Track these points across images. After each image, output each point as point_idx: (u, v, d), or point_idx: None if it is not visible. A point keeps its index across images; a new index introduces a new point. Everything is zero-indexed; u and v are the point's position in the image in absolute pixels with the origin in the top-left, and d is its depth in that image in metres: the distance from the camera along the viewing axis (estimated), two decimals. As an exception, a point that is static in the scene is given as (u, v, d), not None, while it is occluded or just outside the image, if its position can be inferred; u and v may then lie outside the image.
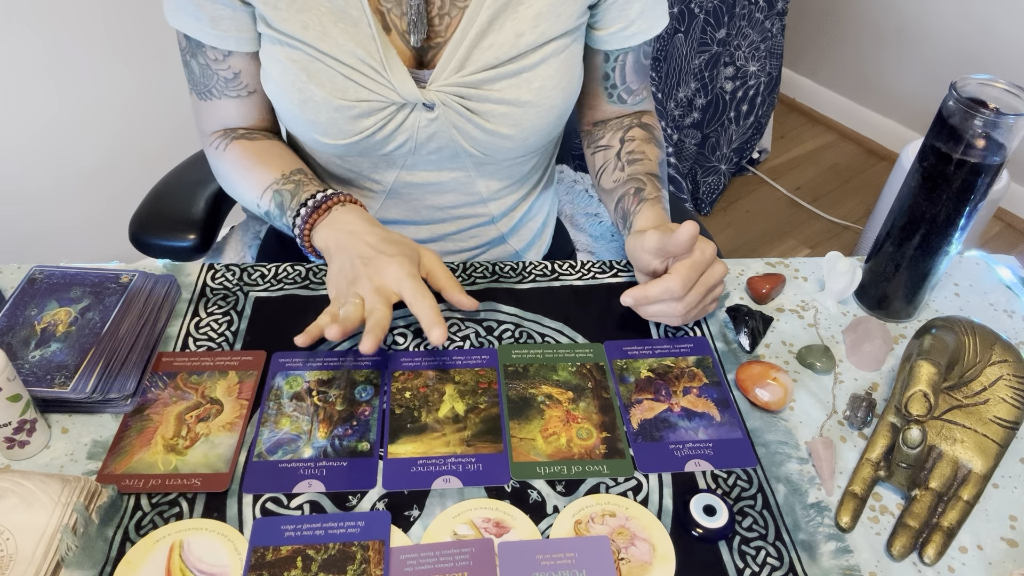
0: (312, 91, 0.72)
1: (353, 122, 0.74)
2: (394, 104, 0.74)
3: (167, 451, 0.62)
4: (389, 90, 0.73)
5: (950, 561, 0.59)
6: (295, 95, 0.73)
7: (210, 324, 0.74)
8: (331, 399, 0.67)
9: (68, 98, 1.57)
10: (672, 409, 0.69)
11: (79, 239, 1.73)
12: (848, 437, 0.68)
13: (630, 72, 0.85)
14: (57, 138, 1.60)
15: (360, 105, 0.73)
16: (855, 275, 0.78)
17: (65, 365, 0.65)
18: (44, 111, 1.56)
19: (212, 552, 0.56)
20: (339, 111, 0.73)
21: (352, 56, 0.71)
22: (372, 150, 0.78)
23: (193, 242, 0.94)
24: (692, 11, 1.88)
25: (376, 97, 0.73)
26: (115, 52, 1.57)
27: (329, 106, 0.73)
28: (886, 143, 2.55)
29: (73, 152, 1.63)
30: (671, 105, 2.02)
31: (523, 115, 0.76)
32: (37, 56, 1.49)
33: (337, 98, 0.72)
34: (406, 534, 0.58)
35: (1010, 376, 0.65)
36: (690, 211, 1.24)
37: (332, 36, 0.70)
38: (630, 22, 0.79)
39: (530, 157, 0.87)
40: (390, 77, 0.72)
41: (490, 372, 0.71)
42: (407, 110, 0.74)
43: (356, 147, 0.77)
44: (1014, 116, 0.65)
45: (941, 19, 2.24)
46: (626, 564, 0.57)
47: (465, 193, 0.85)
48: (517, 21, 0.72)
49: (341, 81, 0.72)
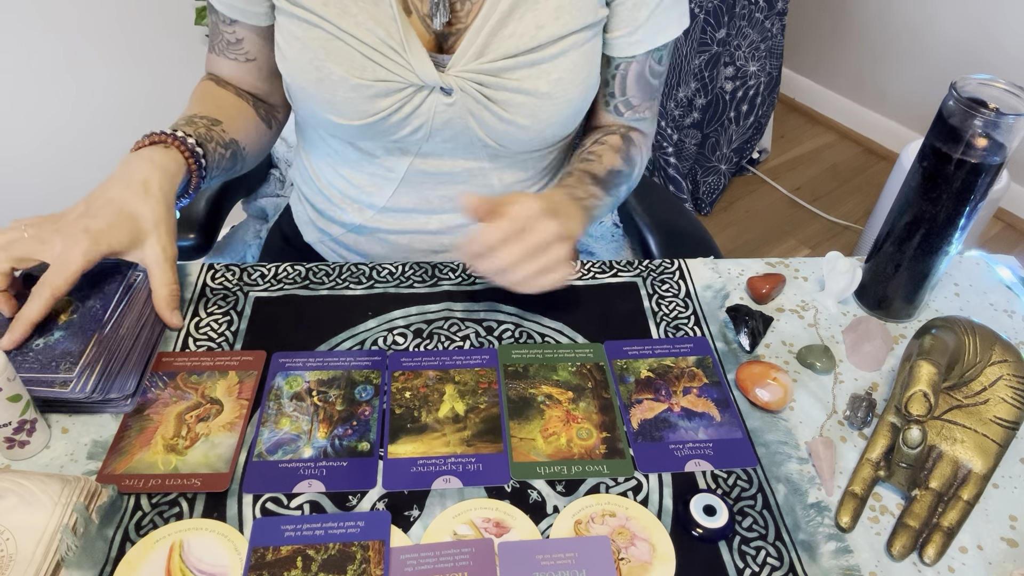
0: (330, 69, 0.72)
1: (370, 102, 0.74)
2: (412, 86, 0.73)
3: (167, 451, 0.62)
4: (408, 71, 0.72)
5: (950, 561, 0.59)
6: (312, 73, 0.73)
7: (210, 324, 0.74)
8: (331, 399, 0.67)
9: (69, 99, 1.57)
10: (672, 409, 0.69)
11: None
12: (848, 437, 0.68)
13: (632, 84, 0.83)
14: (58, 139, 1.60)
15: (378, 85, 0.73)
16: (855, 275, 0.78)
17: (70, 352, 0.64)
18: (45, 112, 1.56)
19: (212, 552, 0.56)
20: (356, 90, 0.73)
21: (371, 35, 0.71)
22: (386, 134, 0.77)
23: (194, 242, 0.94)
24: (692, 11, 1.88)
25: (395, 78, 0.73)
26: (117, 54, 1.57)
27: (347, 85, 0.72)
28: (886, 143, 2.55)
29: (75, 153, 1.63)
30: (671, 105, 2.02)
31: (540, 106, 0.76)
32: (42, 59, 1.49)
33: (355, 77, 0.72)
34: (406, 534, 0.58)
35: (1010, 376, 0.65)
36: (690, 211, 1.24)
37: (352, 14, 0.70)
38: (636, 27, 0.78)
39: (545, 154, 0.86)
40: (409, 58, 0.72)
41: (490, 372, 0.71)
42: (424, 93, 0.74)
43: (370, 129, 0.76)
44: (1014, 116, 0.64)
45: (941, 19, 2.24)
46: (626, 564, 0.57)
47: (478, 186, 0.85)
48: (538, 13, 0.72)
49: (360, 60, 0.72)
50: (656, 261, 0.84)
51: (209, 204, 0.98)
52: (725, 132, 2.22)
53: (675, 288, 0.81)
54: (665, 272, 0.83)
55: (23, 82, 1.50)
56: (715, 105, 2.14)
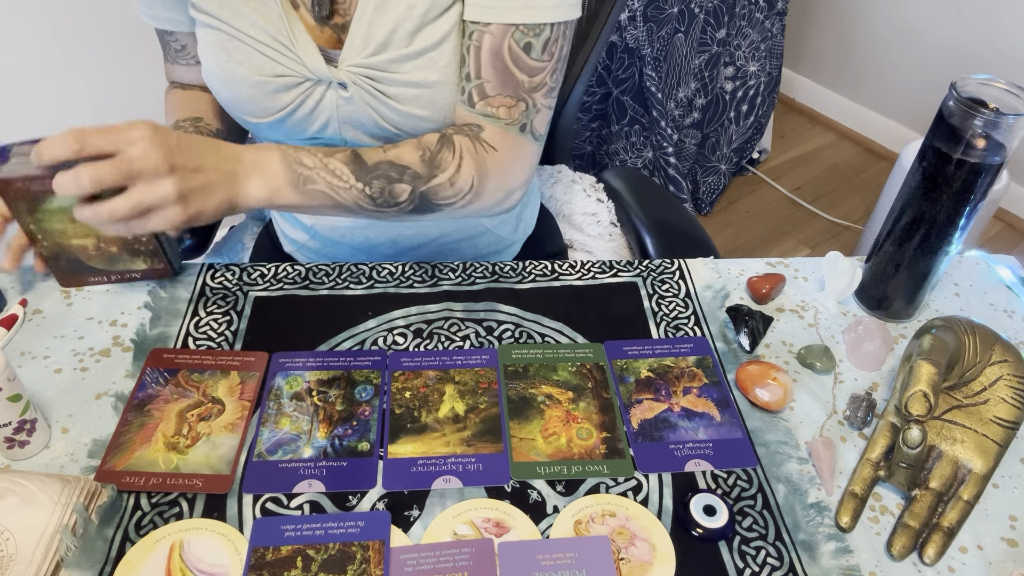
0: (233, 69, 0.74)
1: (272, 97, 0.75)
2: (309, 80, 0.74)
3: (168, 449, 0.62)
4: (299, 65, 0.73)
5: (950, 561, 0.59)
6: (219, 74, 0.75)
7: (209, 324, 0.74)
8: (331, 399, 0.67)
9: (68, 99, 1.57)
10: (672, 409, 0.69)
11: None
12: (848, 437, 0.68)
13: (485, 63, 0.71)
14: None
15: (276, 80, 0.74)
16: (855, 275, 0.78)
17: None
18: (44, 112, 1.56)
19: (212, 552, 0.56)
20: (257, 87, 0.74)
21: (263, 32, 0.72)
22: (297, 130, 0.78)
23: (192, 242, 0.94)
24: (692, 11, 1.88)
25: (290, 72, 0.74)
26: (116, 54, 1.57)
27: (248, 82, 0.74)
28: (886, 143, 2.55)
29: (73, 152, 1.63)
30: (671, 105, 2.02)
31: (435, 95, 0.75)
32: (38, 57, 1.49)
33: (255, 74, 0.73)
34: (406, 534, 0.58)
35: (1010, 376, 0.65)
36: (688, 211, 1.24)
37: (243, 14, 0.72)
38: None
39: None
40: (298, 52, 0.73)
41: (490, 372, 0.71)
42: (323, 87, 0.75)
43: (281, 126, 0.77)
44: (1014, 116, 0.64)
45: (941, 19, 2.24)
46: (626, 564, 0.57)
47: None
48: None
49: (257, 57, 0.73)
50: (656, 261, 0.84)
51: (209, 204, 0.98)
52: (725, 132, 2.22)
53: (675, 288, 0.81)
54: (665, 272, 0.83)
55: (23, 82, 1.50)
56: (715, 105, 2.14)
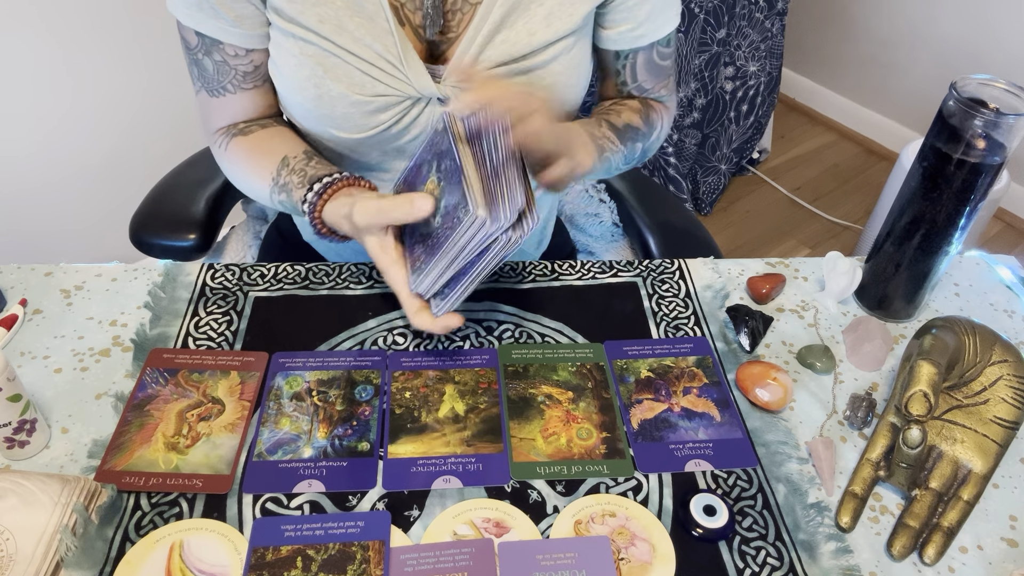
0: (329, 86, 0.72)
1: (369, 116, 0.74)
2: (410, 98, 0.74)
3: (168, 449, 0.62)
4: (406, 84, 0.73)
5: (950, 561, 0.59)
6: (311, 90, 0.73)
7: (209, 324, 0.74)
8: (331, 399, 0.67)
9: (68, 99, 1.57)
10: (672, 409, 0.69)
11: (79, 239, 1.73)
12: (848, 437, 0.68)
13: (641, 71, 0.85)
14: (57, 139, 1.60)
15: (377, 100, 0.73)
16: (855, 275, 0.78)
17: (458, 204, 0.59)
18: (44, 112, 1.56)
19: (212, 552, 0.56)
20: (355, 106, 0.73)
21: (369, 50, 0.71)
22: (386, 143, 0.78)
23: (194, 242, 0.94)
24: (692, 11, 1.88)
25: (393, 92, 0.73)
26: (117, 53, 1.57)
27: (346, 101, 0.72)
28: (886, 143, 2.55)
29: (73, 152, 1.63)
30: (671, 105, 2.02)
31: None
32: (39, 57, 1.49)
33: (355, 93, 0.72)
34: (406, 534, 0.58)
35: (1010, 376, 0.65)
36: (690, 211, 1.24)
37: (348, 30, 0.70)
38: (638, 23, 0.79)
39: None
40: (407, 72, 0.72)
41: (490, 372, 0.71)
42: (422, 104, 0.74)
43: (371, 140, 0.77)
44: (1014, 116, 0.64)
45: (941, 19, 2.24)
46: (626, 564, 0.57)
47: None
48: (529, 20, 0.73)
49: (358, 76, 0.72)
50: (656, 261, 0.84)
51: (209, 204, 0.98)
52: (725, 132, 2.21)
53: (675, 288, 0.81)
54: (665, 272, 0.83)
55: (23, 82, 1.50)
56: (715, 105, 2.14)
